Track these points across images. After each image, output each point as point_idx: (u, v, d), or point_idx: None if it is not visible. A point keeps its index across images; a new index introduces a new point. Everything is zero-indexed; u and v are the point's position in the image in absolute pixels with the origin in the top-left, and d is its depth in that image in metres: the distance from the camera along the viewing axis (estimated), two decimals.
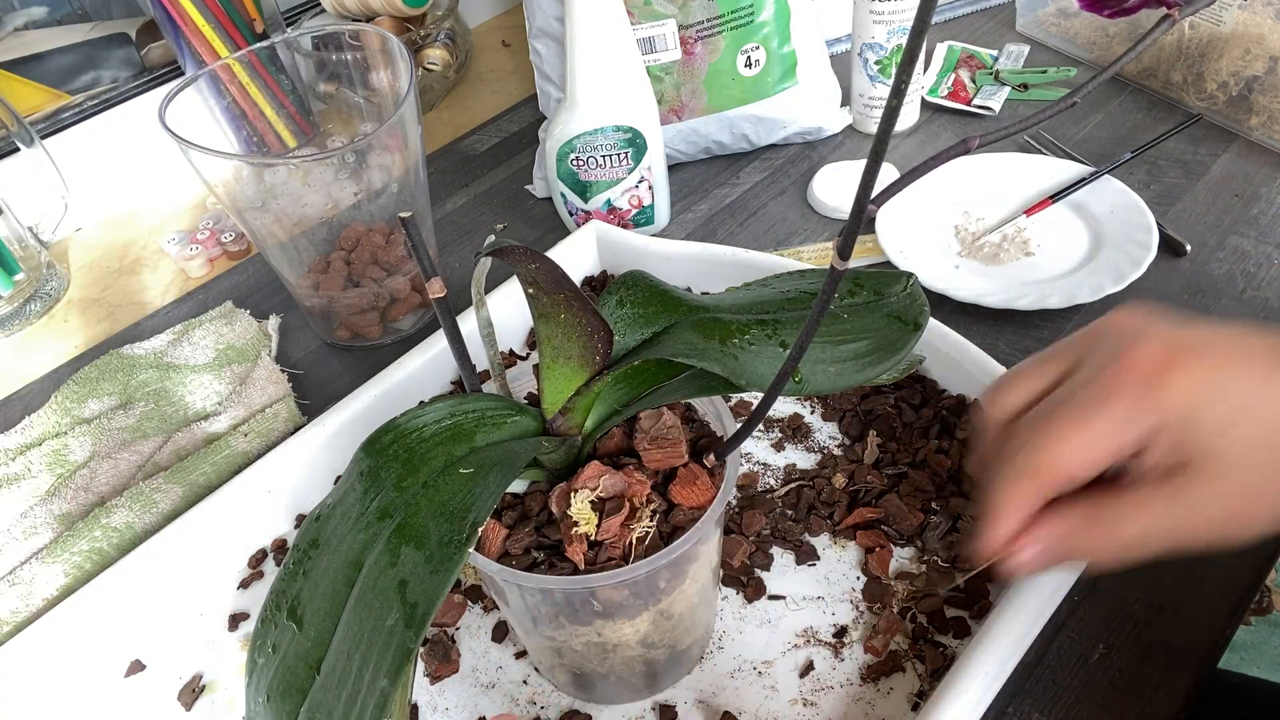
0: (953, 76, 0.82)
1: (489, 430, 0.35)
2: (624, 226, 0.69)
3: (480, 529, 0.30)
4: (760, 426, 0.55)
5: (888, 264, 0.64)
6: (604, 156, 0.66)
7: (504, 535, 0.36)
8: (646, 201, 0.69)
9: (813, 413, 0.55)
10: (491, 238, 0.33)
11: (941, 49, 0.86)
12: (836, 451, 0.53)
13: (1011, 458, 0.32)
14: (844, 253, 0.27)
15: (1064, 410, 0.31)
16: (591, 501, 0.35)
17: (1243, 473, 0.29)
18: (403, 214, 0.31)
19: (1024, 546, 0.32)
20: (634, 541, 0.35)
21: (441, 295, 0.33)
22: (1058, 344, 0.34)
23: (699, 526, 0.35)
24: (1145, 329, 0.31)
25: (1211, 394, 0.29)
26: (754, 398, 0.56)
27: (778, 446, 0.54)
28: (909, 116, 0.78)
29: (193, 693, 0.46)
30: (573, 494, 0.35)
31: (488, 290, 0.61)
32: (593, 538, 0.35)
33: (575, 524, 0.35)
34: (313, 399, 0.62)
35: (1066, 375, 0.33)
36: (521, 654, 0.46)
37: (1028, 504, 0.31)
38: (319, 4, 0.89)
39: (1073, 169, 0.68)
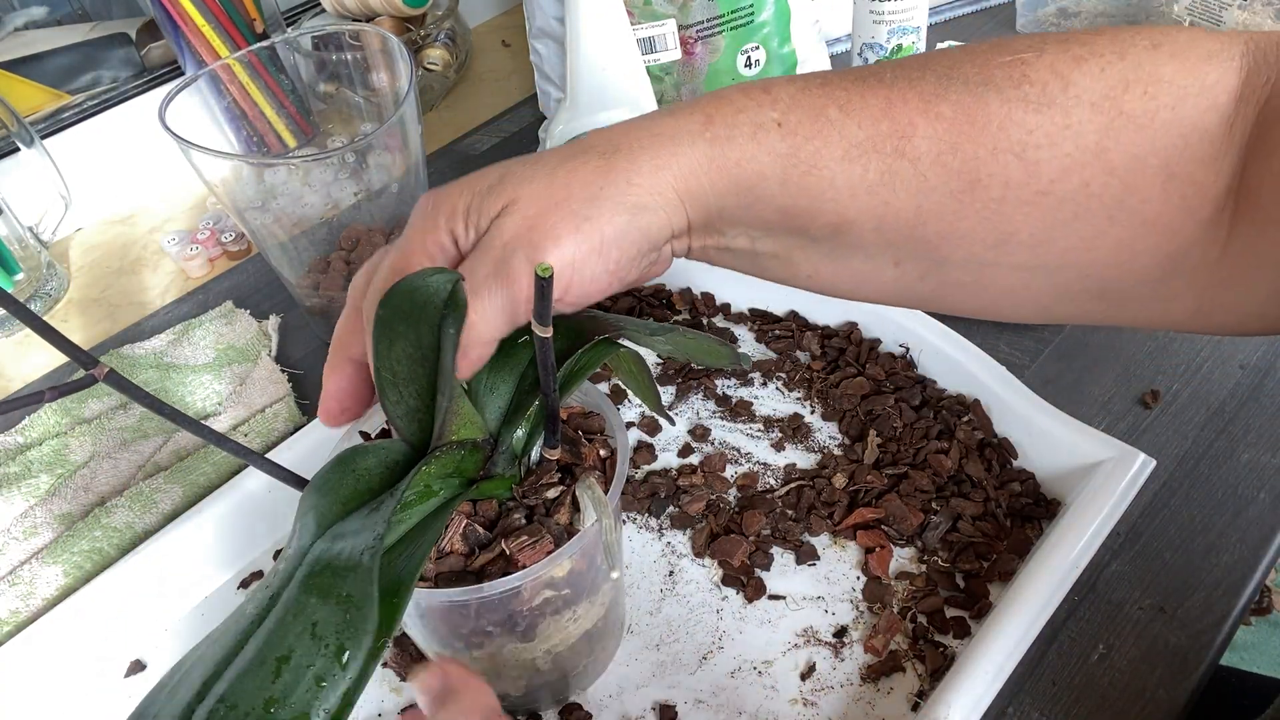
0: None
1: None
2: None
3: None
4: (760, 426, 0.55)
5: None
6: None
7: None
8: None
9: (813, 413, 0.55)
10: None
11: (942, 49, 0.86)
12: (836, 451, 0.53)
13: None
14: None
15: (385, 257, 0.33)
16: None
17: (528, 198, 0.31)
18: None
19: None
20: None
21: None
22: None
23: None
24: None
25: (472, 183, 0.32)
26: (749, 396, 0.56)
27: (778, 446, 0.54)
28: None
29: None
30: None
31: None
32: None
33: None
34: (313, 399, 0.62)
35: None
36: None
37: (350, 334, 0.34)
38: (319, 4, 0.89)
39: None
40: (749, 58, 0.72)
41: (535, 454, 0.39)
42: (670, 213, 0.31)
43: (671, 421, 0.46)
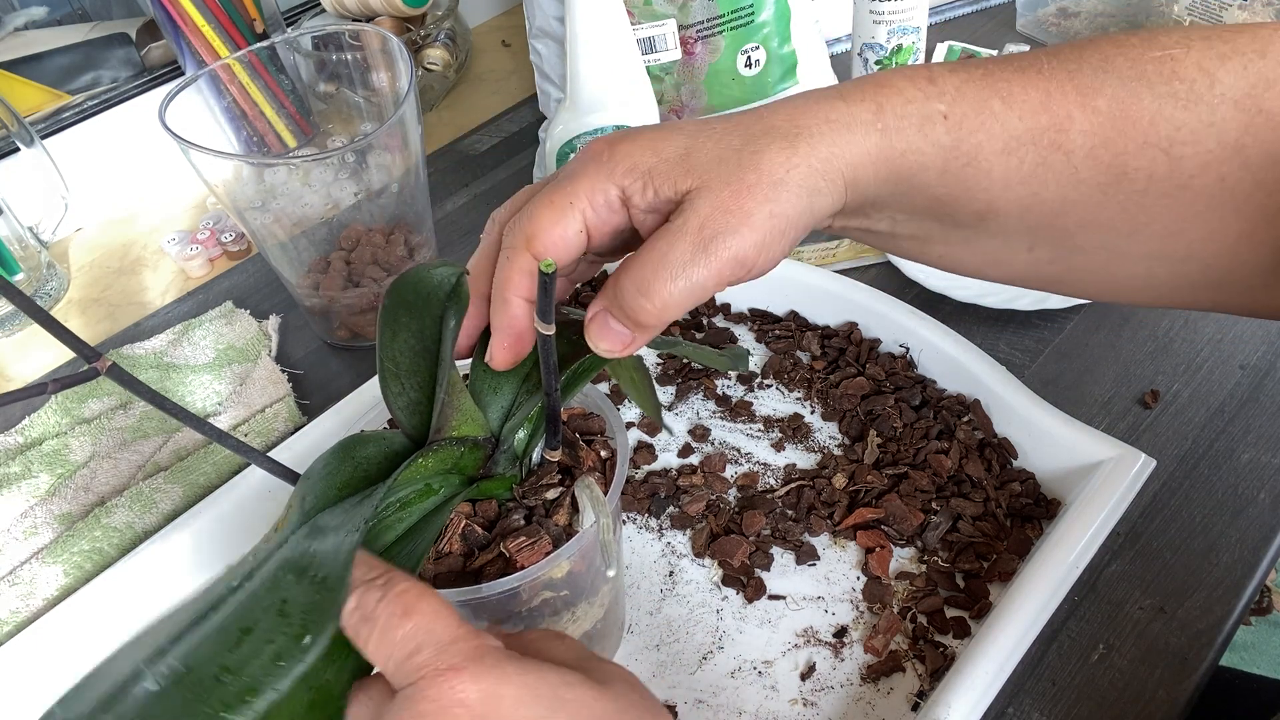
0: None
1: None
2: None
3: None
4: (760, 426, 0.55)
5: (888, 264, 0.64)
6: None
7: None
8: None
9: (813, 413, 0.55)
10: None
11: (941, 49, 0.86)
12: (836, 451, 0.53)
13: (500, 252, 0.33)
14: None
15: (536, 197, 0.33)
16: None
17: (718, 178, 0.31)
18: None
19: (590, 325, 0.33)
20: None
21: None
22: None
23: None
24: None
25: (658, 144, 0.32)
26: (749, 396, 0.56)
27: (778, 446, 0.54)
28: None
29: None
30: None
31: None
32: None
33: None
34: (313, 399, 0.62)
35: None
36: None
37: (521, 275, 0.33)
38: (319, 4, 0.89)
39: None
40: (749, 58, 0.72)
41: (536, 455, 0.39)
42: (835, 197, 0.32)
43: (670, 431, 0.46)
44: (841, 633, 0.45)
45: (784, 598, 0.47)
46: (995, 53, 0.84)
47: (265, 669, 0.24)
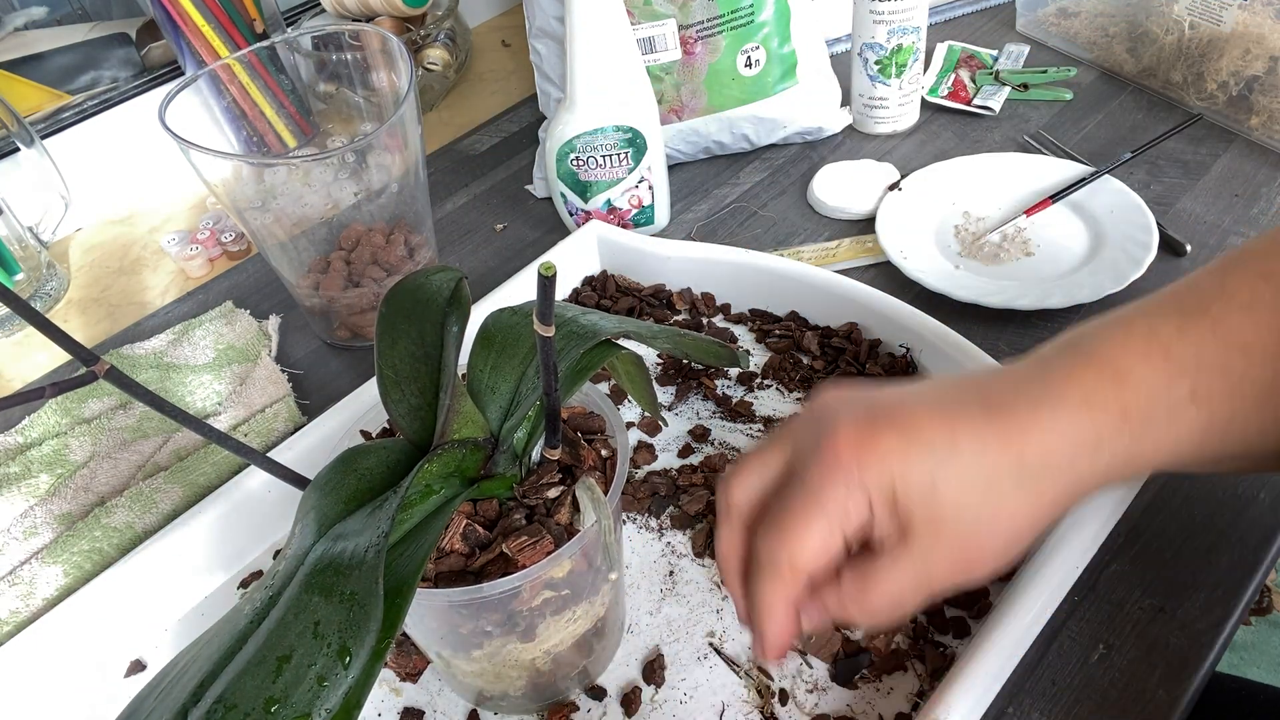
0: (953, 76, 0.82)
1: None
2: (624, 226, 0.69)
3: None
4: (760, 426, 0.55)
5: (888, 264, 0.64)
6: (604, 156, 0.66)
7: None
8: (646, 201, 0.69)
9: None
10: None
11: (941, 49, 0.86)
12: None
13: (758, 562, 0.33)
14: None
15: (790, 509, 0.32)
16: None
17: (955, 530, 0.31)
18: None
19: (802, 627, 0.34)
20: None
21: None
22: (779, 429, 0.36)
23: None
24: (840, 410, 0.33)
25: (905, 465, 0.31)
26: (749, 396, 0.56)
27: None
28: (908, 117, 0.78)
29: None
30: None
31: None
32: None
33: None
34: (313, 399, 0.62)
35: (789, 464, 0.34)
36: None
37: (786, 602, 0.33)
38: (319, 4, 0.89)
39: (1073, 169, 0.68)
40: (749, 58, 0.72)
41: (536, 454, 0.39)
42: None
43: (664, 422, 0.46)
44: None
45: None
46: (995, 53, 0.84)
47: (312, 692, 0.25)
